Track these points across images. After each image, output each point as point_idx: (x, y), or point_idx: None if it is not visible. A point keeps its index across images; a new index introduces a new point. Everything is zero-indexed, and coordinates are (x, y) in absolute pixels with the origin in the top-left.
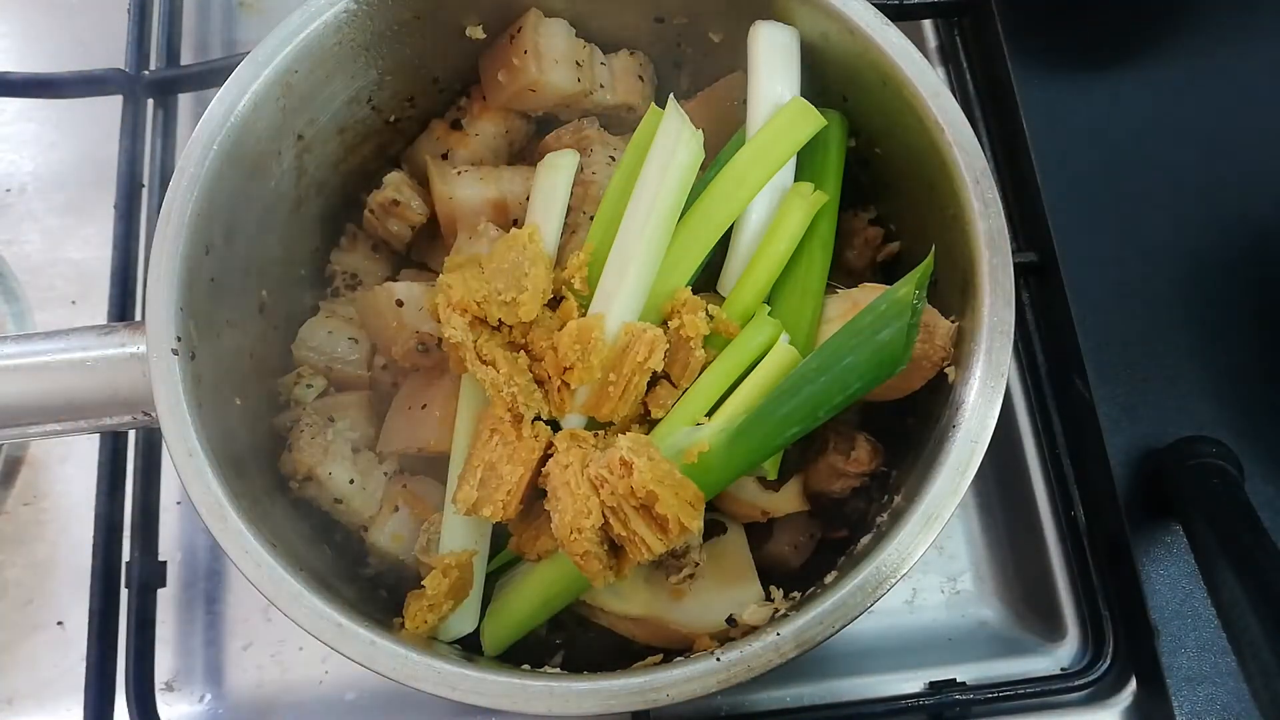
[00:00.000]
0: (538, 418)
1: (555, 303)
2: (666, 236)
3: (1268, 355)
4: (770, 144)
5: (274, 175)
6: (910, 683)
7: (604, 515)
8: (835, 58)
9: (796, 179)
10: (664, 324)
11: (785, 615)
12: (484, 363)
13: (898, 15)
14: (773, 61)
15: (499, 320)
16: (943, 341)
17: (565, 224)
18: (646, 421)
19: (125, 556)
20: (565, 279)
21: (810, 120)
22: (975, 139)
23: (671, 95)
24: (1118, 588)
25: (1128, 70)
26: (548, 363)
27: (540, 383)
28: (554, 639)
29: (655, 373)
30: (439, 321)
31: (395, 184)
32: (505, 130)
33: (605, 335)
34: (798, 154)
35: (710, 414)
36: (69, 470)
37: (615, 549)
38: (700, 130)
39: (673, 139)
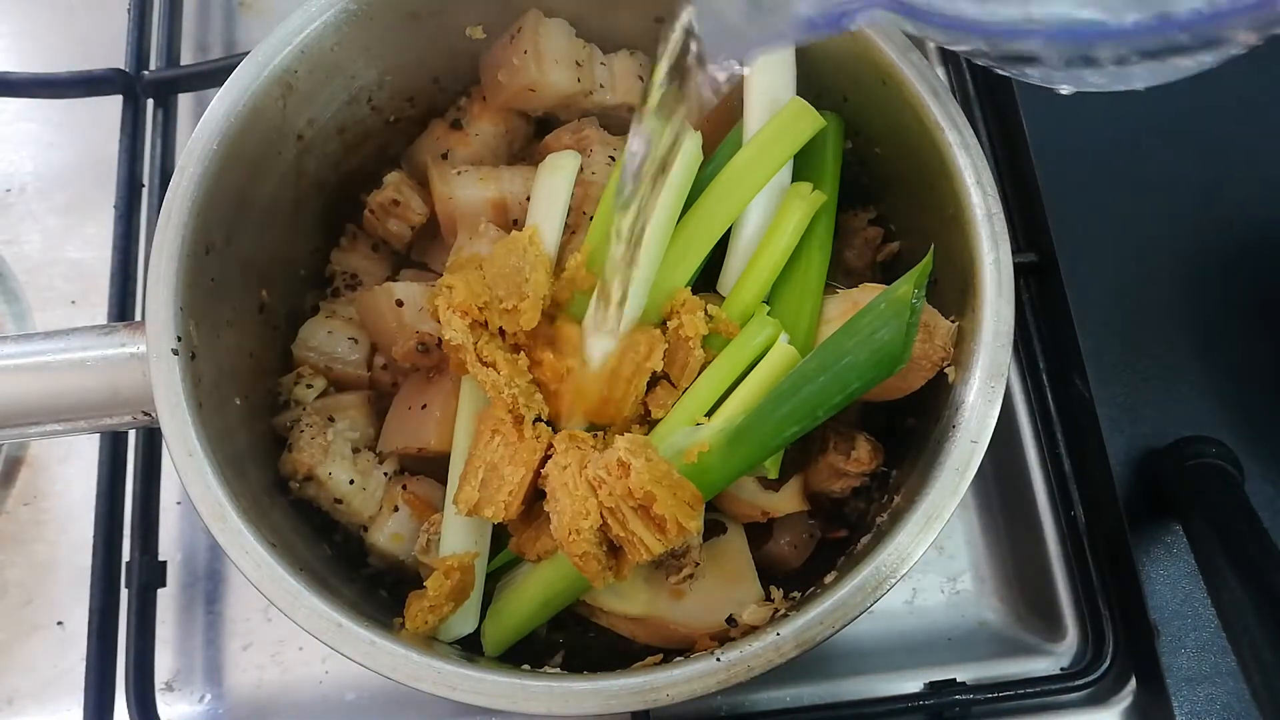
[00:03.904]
0: (538, 418)
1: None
2: (666, 237)
3: (1268, 355)
4: (769, 144)
5: (274, 175)
6: (910, 683)
7: (602, 516)
8: (835, 58)
9: (794, 179)
10: (663, 324)
11: (785, 615)
12: (484, 364)
13: None
14: (768, 61)
15: (499, 327)
16: (943, 341)
17: (565, 224)
18: (646, 422)
19: (125, 556)
20: (566, 280)
21: (809, 120)
22: (975, 139)
23: None
24: (1118, 588)
25: None
26: (546, 366)
27: (540, 384)
28: (554, 638)
29: (655, 373)
30: (439, 322)
31: (395, 184)
32: (505, 130)
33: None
34: (795, 154)
35: (710, 414)
36: (69, 470)
37: (614, 550)
38: (699, 131)
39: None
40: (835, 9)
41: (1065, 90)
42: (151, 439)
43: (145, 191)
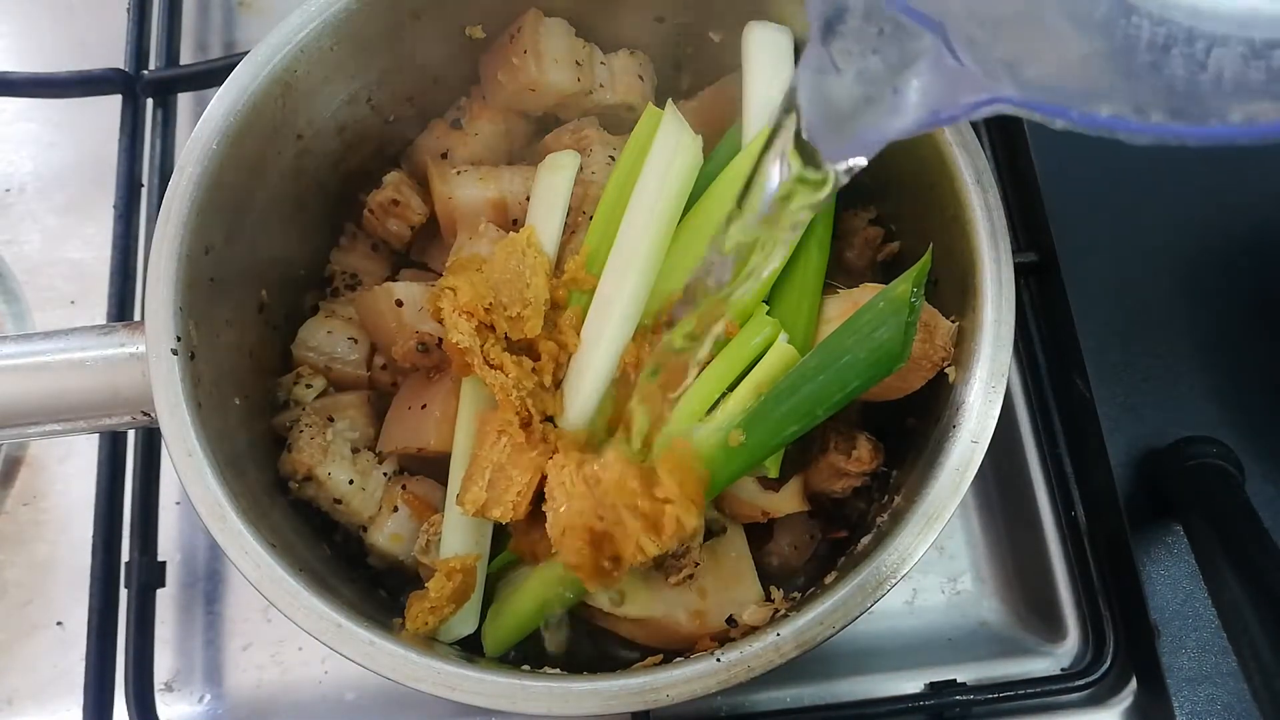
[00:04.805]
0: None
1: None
2: (665, 242)
3: (1268, 355)
4: None
5: (274, 175)
6: (910, 683)
7: (599, 515)
8: None
9: None
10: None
11: (785, 615)
12: (492, 367)
13: None
14: (767, 62)
15: (504, 333)
16: (943, 341)
17: (565, 224)
18: None
19: (125, 556)
20: (565, 280)
21: None
22: (975, 139)
23: (670, 100)
24: (1118, 588)
25: None
26: (543, 366)
27: (543, 386)
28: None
29: None
30: (440, 323)
31: (395, 184)
32: (505, 130)
33: None
34: None
35: (710, 414)
36: (69, 470)
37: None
38: (699, 135)
39: (671, 144)
40: (965, 103)
41: None
42: (151, 439)
43: (145, 191)
